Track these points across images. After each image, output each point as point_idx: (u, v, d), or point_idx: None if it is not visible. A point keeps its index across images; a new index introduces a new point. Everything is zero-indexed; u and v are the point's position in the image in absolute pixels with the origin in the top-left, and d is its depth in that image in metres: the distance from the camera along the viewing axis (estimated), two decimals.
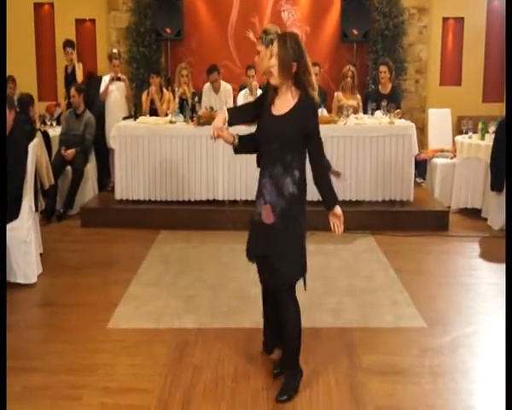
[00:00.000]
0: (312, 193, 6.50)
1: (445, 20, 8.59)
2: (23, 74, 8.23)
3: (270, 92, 2.94)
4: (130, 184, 6.21)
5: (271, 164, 2.89)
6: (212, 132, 2.97)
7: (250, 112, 3.17)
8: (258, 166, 3.08)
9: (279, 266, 2.91)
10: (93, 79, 8.04)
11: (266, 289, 3.18)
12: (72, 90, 6.77)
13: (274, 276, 2.94)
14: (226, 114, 3.02)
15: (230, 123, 3.03)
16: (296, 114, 2.86)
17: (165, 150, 6.15)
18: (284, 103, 2.88)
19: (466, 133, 6.76)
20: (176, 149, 6.12)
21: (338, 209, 3.03)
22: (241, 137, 3.06)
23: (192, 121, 6.18)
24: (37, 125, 6.76)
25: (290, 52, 2.80)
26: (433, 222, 5.98)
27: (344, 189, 6.12)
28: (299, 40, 2.87)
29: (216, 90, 7.04)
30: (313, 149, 2.95)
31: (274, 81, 2.86)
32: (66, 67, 8.01)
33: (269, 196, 2.89)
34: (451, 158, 7.01)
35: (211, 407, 2.92)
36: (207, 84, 7.09)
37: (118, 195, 6.26)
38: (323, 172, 3.02)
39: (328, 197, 3.04)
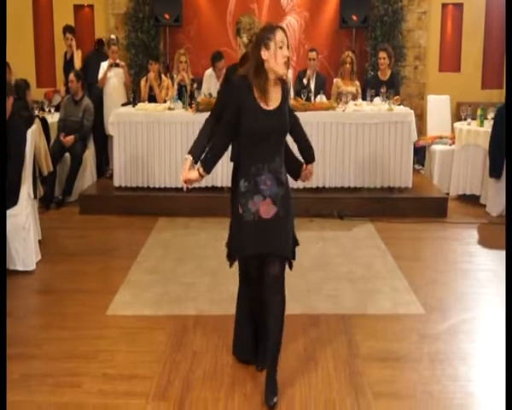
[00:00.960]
0: (312, 180, 6.49)
1: (444, 5, 8.53)
2: (21, 60, 8.17)
3: (253, 86, 2.79)
4: (128, 170, 6.20)
5: (270, 158, 2.83)
6: (186, 188, 2.99)
7: (224, 140, 2.96)
8: (232, 160, 3.07)
9: (281, 251, 2.89)
10: (101, 47, 7.93)
11: (254, 293, 3.07)
12: (71, 76, 6.74)
13: (273, 264, 2.90)
14: (200, 169, 2.94)
15: (208, 172, 2.96)
16: (286, 103, 2.87)
17: (164, 137, 6.13)
18: (275, 96, 2.84)
19: (465, 120, 6.74)
20: (174, 136, 6.10)
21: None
22: (205, 162, 2.95)
23: (191, 108, 6.15)
24: (34, 111, 6.72)
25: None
26: (431, 209, 5.98)
27: (343, 175, 6.13)
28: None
29: (219, 77, 6.98)
30: (298, 125, 3.05)
31: (282, 72, 2.80)
32: (66, 54, 7.96)
33: (269, 190, 2.84)
34: (450, 145, 7.00)
35: (210, 393, 2.93)
36: (209, 71, 7.00)
37: (116, 182, 6.25)
38: (307, 138, 3.11)
39: (312, 154, 3.10)
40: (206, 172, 2.94)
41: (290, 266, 3.03)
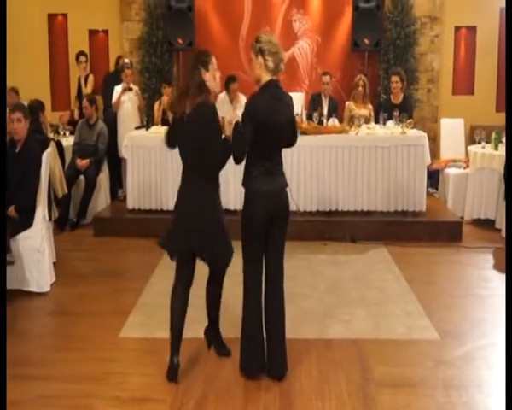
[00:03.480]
0: (324, 203, 6.50)
1: (457, 29, 8.57)
2: (37, 84, 8.31)
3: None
4: (141, 193, 6.24)
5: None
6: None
7: None
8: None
9: None
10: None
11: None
12: (84, 102, 6.84)
13: None
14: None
15: None
16: None
17: (177, 160, 6.13)
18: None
19: (479, 143, 6.72)
20: None
21: None
22: None
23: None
24: (48, 131, 6.80)
25: None
26: (446, 233, 5.94)
27: (356, 199, 6.11)
28: None
29: (232, 100, 7.04)
30: None
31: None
32: (79, 78, 8.12)
33: None
34: (464, 168, 6.97)
35: None
36: (222, 96, 7.06)
37: (130, 204, 6.29)
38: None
39: None
40: None
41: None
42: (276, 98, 3.17)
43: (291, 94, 3.44)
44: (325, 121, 6.65)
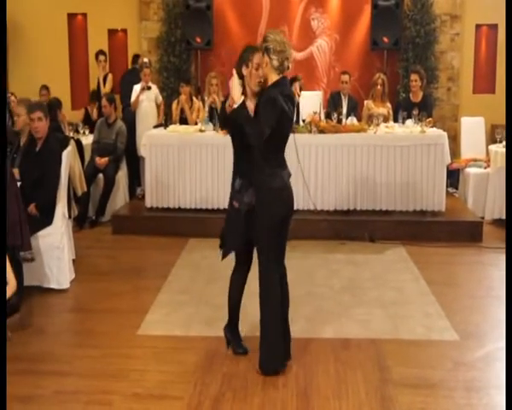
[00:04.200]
0: (342, 202, 6.48)
1: (477, 27, 8.47)
2: (57, 84, 8.40)
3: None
4: (160, 191, 6.26)
5: None
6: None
7: None
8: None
9: None
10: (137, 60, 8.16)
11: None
12: (103, 101, 6.89)
13: None
14: None
15: None
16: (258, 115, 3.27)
17: (195, 159, 6.19)
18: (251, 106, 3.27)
19: (500, 142, 6.63)
20: (205, 158, 6.16)
21: None
22: None
23: (221, 130, 6.20)
24: (66, 130, 6.87)
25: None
26: (465, 233, 5.87)
27: (374, 198, 6.07)
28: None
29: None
30: None
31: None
32: (98, 78, 8.19)
33: None
34: (485, 168, 6.89)
35: None
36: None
37: (148, 202, 6.32)
38: None
39: None
40: None
41: None
42: (287, 96, 3.22)
43: (309, 92, 3.47)
44: (344, 120, 6.61)
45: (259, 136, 3.10)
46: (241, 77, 3.25)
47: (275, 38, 3.16)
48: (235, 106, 3.22)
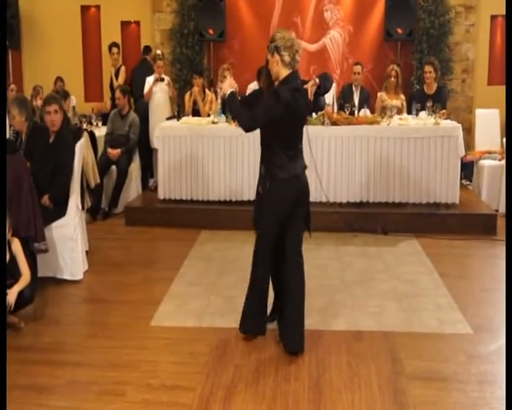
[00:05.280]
0: (355, 194, 6.45)
1: (493, 17, 8.35)
2: (70, 76, 8.44)
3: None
4: (172, 183, 6.28)
5: None
6: None
7: None
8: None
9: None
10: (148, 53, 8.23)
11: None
12: (117, 93, 6.89)
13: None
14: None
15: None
16: None
17: (208, 150, 6.19)
18: None
19: None
20: (218, 149, 6.16)
21: None
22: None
23: (234, 122, 6.19)
24: (72, 119, 6.90)
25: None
26: (479, 225, 5.82)
27: (387, 190, 6.04)
28: None
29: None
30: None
31: None
32: (111, 72, 8.22)
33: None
34: (500, 160, 6.82)
35: (252, 406, 2.92)
36: (253, 84, 7.03)
37: (161, 194, 6.34)
38: None
39: None
40: None
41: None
42: (297, 90, 3.26)
43: None
44: (356, 112, 6.57)
45: (244, 125, 3.25)
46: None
47: (283, 36, 3.26)
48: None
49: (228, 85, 3.41)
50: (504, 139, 6.78)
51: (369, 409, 2.91)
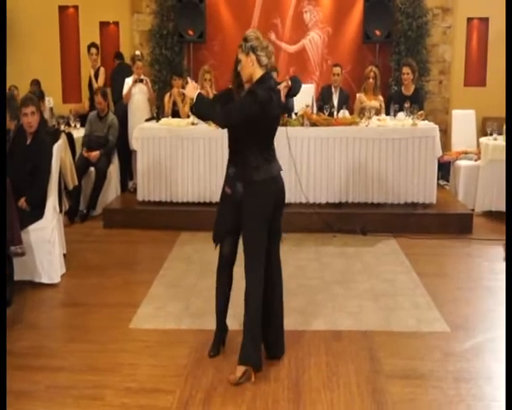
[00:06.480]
0: (334, 195, 6.47)
1: (469, 20, 8.48)
2: (48, 76, 8.35)
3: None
4: (152, 185, 6.25)
5: None
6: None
7: None
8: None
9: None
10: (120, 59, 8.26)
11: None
12: (98, 97, 6.78)
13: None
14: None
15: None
16: None
17: (187, 152, 6.18)
18: None
19: (491, 135, 6.67)
20: (197, 151, 6.15)
21: None
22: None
23: (213, 123, 6.19)
24: (49, 121, 6.82)
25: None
26: (456, 225, 5.91)
27: (366, 191, 6.09)
28: None
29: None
30: None
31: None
32: (90, 73, 8.15)
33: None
34: (476, 160, 6.92)
35: (231, 408, 2.93)
36: None
37: (140, 196, 6.31)
38: None
39: None
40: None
41: None
42: (272, 89, 3.22)
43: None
44: (335, 113, 6.62)
45: (220, 120, 3.19)
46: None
47: (257, 36, 3.20)
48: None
49: (192, 88, 3.23)
50: (481, 139, 6.89)
51: (347, 408, 2.93)
